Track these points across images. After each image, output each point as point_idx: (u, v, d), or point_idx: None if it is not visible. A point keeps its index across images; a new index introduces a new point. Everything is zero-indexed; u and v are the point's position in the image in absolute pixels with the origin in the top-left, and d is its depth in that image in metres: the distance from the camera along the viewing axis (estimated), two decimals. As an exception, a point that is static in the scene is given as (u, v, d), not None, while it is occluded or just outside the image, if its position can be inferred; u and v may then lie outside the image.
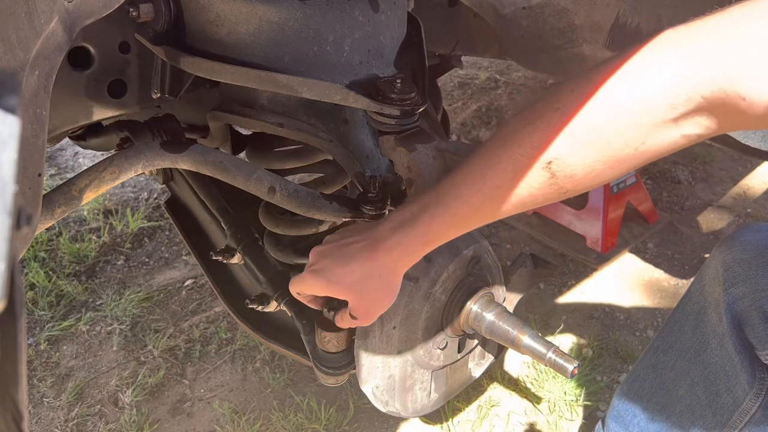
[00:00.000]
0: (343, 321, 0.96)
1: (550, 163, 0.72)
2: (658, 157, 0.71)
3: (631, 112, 0.67)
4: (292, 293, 0.98)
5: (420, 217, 0.82)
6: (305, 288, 0.93)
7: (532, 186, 0.75)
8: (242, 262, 1.30)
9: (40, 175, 0.72)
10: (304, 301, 0.99)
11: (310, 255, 0.93)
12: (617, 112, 0.68)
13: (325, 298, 0.99)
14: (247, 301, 1.26)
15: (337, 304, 0.98)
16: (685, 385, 1.29)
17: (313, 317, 1.13)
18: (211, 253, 1.31)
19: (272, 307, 1.24)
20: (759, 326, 1.11)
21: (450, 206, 0.79)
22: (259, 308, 1.25)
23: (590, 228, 2.45)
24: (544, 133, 0.71)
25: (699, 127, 0.67)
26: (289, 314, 1.20)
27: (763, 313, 1.10)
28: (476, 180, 0.78)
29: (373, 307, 0.91)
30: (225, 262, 1.31)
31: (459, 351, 1.12)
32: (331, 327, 1.02)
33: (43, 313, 2.20)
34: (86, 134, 1.31)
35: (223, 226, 1.31)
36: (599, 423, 1.57)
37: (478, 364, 1.20)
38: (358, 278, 0.86)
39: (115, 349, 2.07)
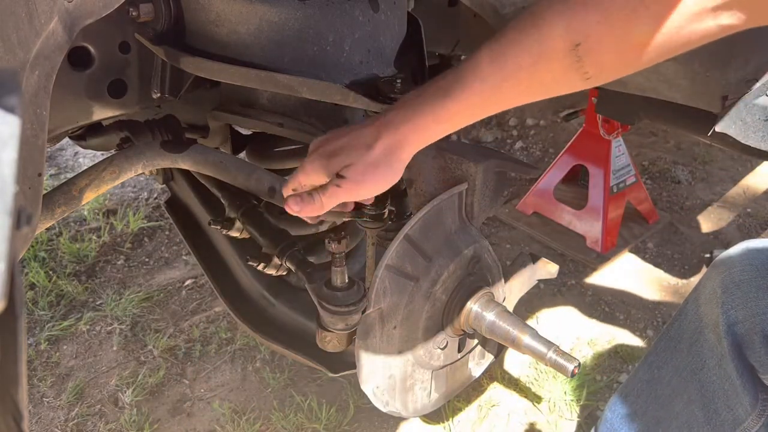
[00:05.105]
0: (327, 194, 0.85)
1: (577, 45, 0.69)
2: (684, 48, 0.69)
3: None
4: (295, 184, 0.90)
5: (436, 93, 0.78)
6: (314, 162, 0.85)
7: (555, 70, 0.72)
8: (242, 231, 1.27)
9: (40, 174, 0.72)
10: (306, 210, 0.89)
11: (310, 146, 0.88)
12: None
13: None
14: (248, 257, 1.23)
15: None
16: (681, 401, 1.27)
17: (314, 267, 1.09)
18: (210, 220, 1.29)
19: (274, 266, 1.21)
20: (761, 350, 1.10)
21: (467, 84, 0.75)
22: (260, 267, 1.21)
23: (590, 228, 2.45)
24: (576, 12, 0.69)
25: (733, 17, 0.66)
26: (292, 268, 1.16)
27: (765, 337, 1.09)
28: (497, 58, 0.74)
29: (370, 183, 0.84)
30: (225, 233, 1.29)
31: (459, 350, 1.12)
32: (329, 325, 1.02)
33: (43, 312, 2.20)
34: (86, 134, 1.31)
35: (222, 201, 1.28)
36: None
37: (478, 364, 1.20)
38: (365, 143, 0.81)
39: (115, 348, 2.07)
